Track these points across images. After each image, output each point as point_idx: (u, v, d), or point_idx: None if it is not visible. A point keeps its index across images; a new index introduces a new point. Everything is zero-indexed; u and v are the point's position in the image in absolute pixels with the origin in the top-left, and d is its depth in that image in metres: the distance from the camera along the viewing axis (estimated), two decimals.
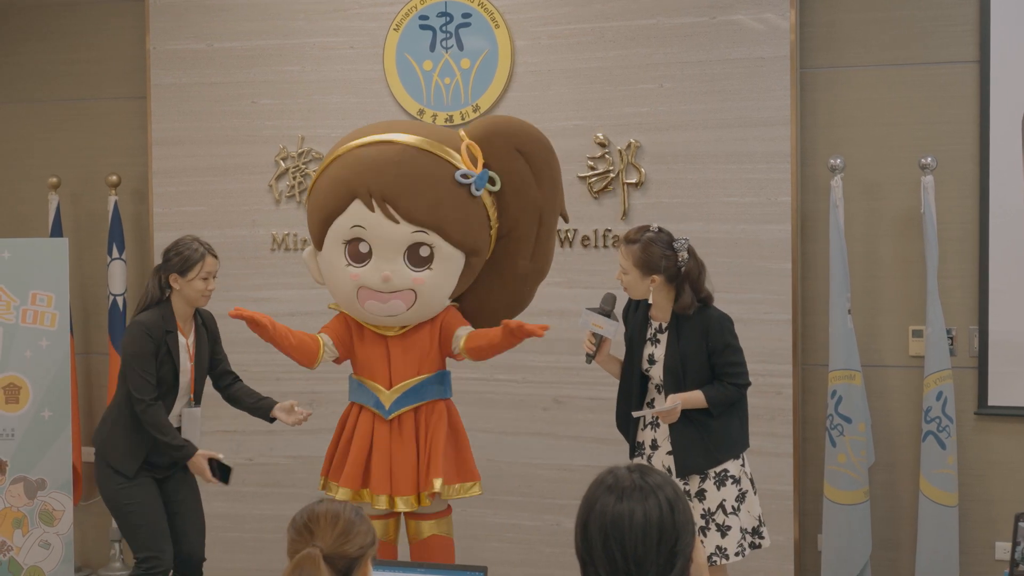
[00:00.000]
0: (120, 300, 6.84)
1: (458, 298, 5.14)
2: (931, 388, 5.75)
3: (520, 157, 4.89)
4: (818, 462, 6.03)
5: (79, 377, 7.05)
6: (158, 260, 6.74)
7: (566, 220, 5.21)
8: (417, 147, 4.76)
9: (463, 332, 5.00)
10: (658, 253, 4.77)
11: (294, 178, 6.64)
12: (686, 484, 4.80)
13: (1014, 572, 2.68)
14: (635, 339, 4.96)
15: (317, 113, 6.62)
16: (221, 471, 5.09)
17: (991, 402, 5.91)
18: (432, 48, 6.41)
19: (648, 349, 4.92)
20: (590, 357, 5.01)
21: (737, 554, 4.76)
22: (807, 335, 6.12)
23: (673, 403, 4.73)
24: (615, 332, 4.95)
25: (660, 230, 4.83)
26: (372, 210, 4.72)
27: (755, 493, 4.88)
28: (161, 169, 6.86)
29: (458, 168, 4.77)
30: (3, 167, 7.38)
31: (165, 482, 5.25)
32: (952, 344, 5.89)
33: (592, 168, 6.20)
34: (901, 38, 6.02)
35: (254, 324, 4.81)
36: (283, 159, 6.67)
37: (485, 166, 4.85)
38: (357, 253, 4.83)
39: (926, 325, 5.80)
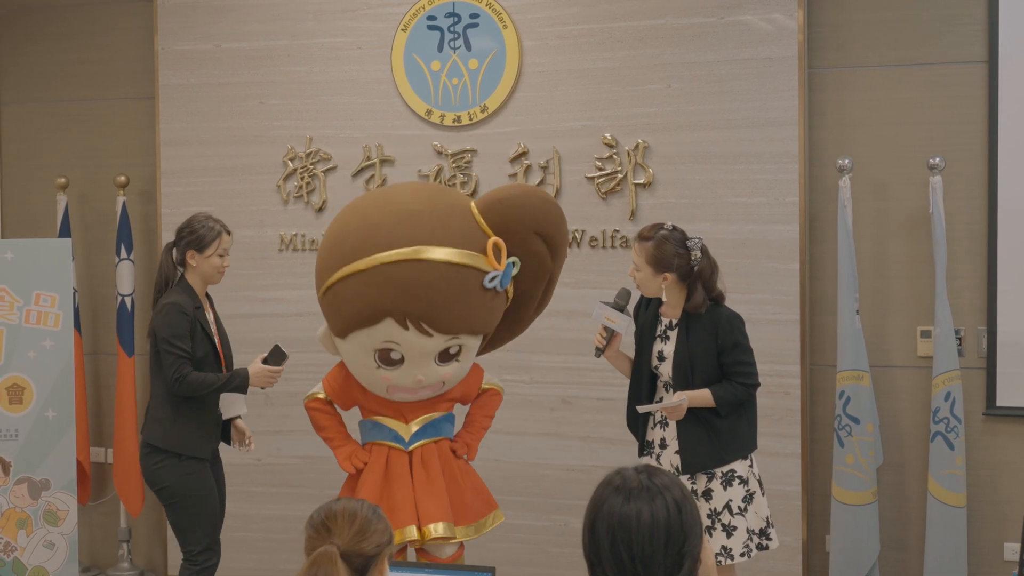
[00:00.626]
0: (128, 300, 6.84)
1: None
2: (939, 388, 5.75)
3: (539, 239, 4.80)
4: (826, 462, 6.03)
5: (87, 377, 7.06)
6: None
7: None
8: (447, 262, 4.59)
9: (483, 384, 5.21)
10: (671, 251, 4.77)
11: (302, 179, 6.65)
12: (693, 483, 4.80)
13: (1023, 573, 2.67)
14: (645, 336, 4.96)
15: (325, 113, 6.62)
16: (275, 356, 5.18)
17: (999, 403, 5.90)
18: (440, 48, 6.41)
19: (658, 346, 4.91)
20: (599, 351, 5.01)
21: (743, 554, 4.76)
22: (815, 335, 6.12)
23: (679, 399, 4.73)
24: (626, 327, 4.96)
25: (674, 228, 4.83)
26: (406, 328, 4.66)
27: (763, 494, 4.87)
28: (169, 169, 6.87)
29: (484, 272, 4.66)
30: (12, 167, 7.39)
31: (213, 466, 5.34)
32: (960, 344, 5.88)
33: (600, 169, 6.20)
34: (909, 38, 6.01)
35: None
36: (291, 159, 6.67)
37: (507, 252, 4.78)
38: (388, 359, 4.79)
39: (934, 325, 5.79)
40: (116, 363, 6.90)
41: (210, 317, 5.34)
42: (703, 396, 4.76)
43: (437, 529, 4.83)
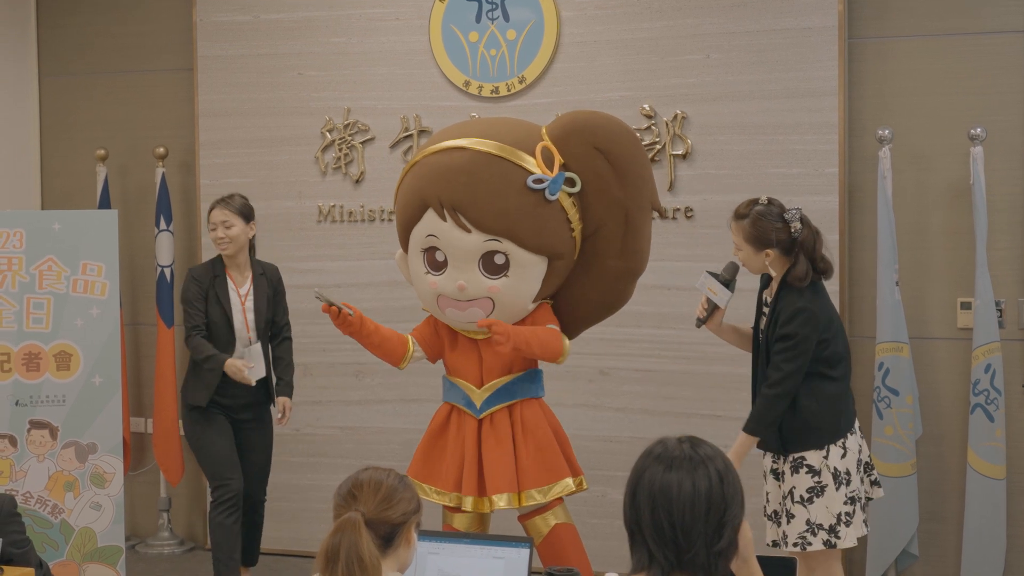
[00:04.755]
0: (168, 271, 6.88)
1: (554, 295, 4.96)
2: (979, 361, 5.72)
3: (600, 156, 4.64)
4: (865, 434, 5.99)
5: (127, 348, 7.11)
6: (206, 231, 6.81)
7: (661, 214, 5.03)
8: (488, 153, 4.59)
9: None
10: (769, 226, 4.58)
11: (340, 150, 6.66)
12: (775, 462, 4.67)
13: None
14: (759, 309, 4.81)
15: (363, 85, 6.63)
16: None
17: None
18: (478, 19, 6.41)
19: (762, 322, 4.76)
20: (700, 322, 4.86)
21: (796, 544, 4.57)
22: (854, 307, 6.10)
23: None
24: (726, 302, 4.80)
25: (770, 201, 4.63)
26: (444, 219, 4.60)
27: (840, 489, 4.56)
28: (208, 141, 6.90)
29: (531, 173, 4.59)
30: (51, 140, 7.43)
31: (240, 424, 5.87)
32: (1001, 316, 5.85)
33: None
34: (950, 7, 5.97)
35: (341, 322, 4.76)
36: (329, 131, 6.69)
37: (564, 166, 4.64)
38: (434, 261, 4.73)
39: (975, 297, 5.77)
40: (156, 334, 6.94)
41: (242, 288, 5.81)
42: (740, 444, 4.60)
43: (500, 501, 4.74)
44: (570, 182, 4.62)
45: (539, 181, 4.56)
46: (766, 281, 4.79)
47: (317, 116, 6.72)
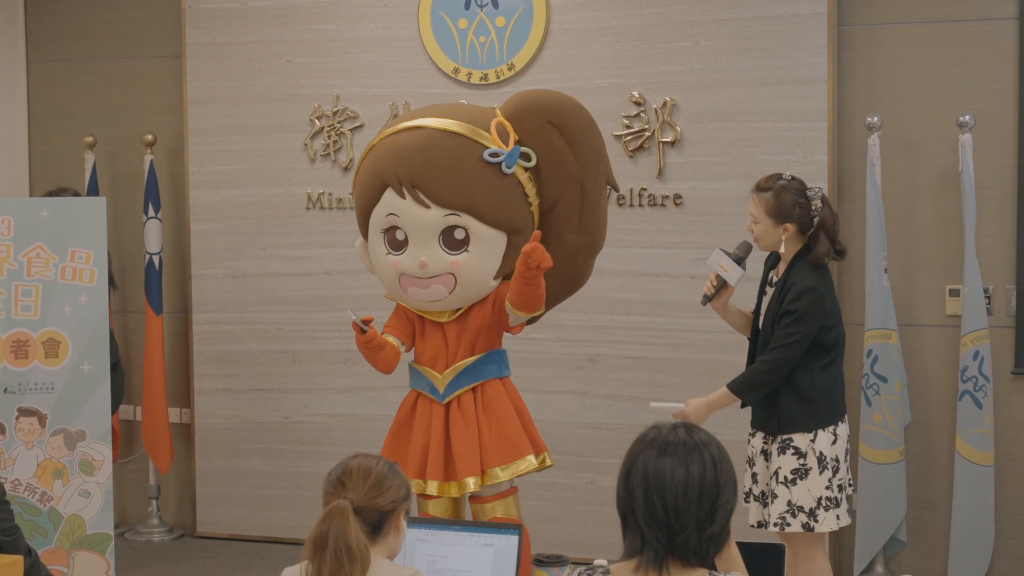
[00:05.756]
0: (156, 259, 6.87)
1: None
2: (968, 347, 5.73)
3: (554, 130, 4.73)
4: (853, 421, 5.99)
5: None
6: (194, 218, 6.80)
7: (615, 189, 5.06)
8: (444, 130, 4.67)
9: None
10: (791, 200, 4.61)
11: (329, 137, 6.65)
12: (765, 443, 4.71)
13: None
14: (762, 289, 4.81)
15: (352, 72, 6.62)
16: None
17: None
18: (467, 6, 6.39)
19: (764, 302, 4.77)
20: (707, 299, 4.85)
21: (776, 525, 4.63)
22: (843, 294, 6.09)
23: (683, 407, 4.66)
24: (737, 279, 4.79)
25: (793, 178, 4.67)
26: (403, 197, 4.66)
27: (823, 473, 4.59)
28: (196, 128, 6.88)
29: (487, 147, 4.66)
30: (40, 126, 7.41)
31: None
32: (989, 303, 5.86)
33: (627, 127, 6.19)
34: None
35: (364, 339, 4.73)
36: (318, 118, 6.68)
37: (519, 142, 4.71)
38: (395, 241, 4.75)
39: (963, 284, 5.77)
40: (144, 321, 6.93)
41: None
42: (719, 397, 4.67)
43: (467, 485, 4.76)
44: (525, 156, 4.71)
45: (495, 155, 4.64)
46: (772, 262, 4.80)
47: (306, 103, 6.70)
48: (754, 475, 4.76)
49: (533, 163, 4.72)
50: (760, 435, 4.74)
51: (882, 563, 5.98)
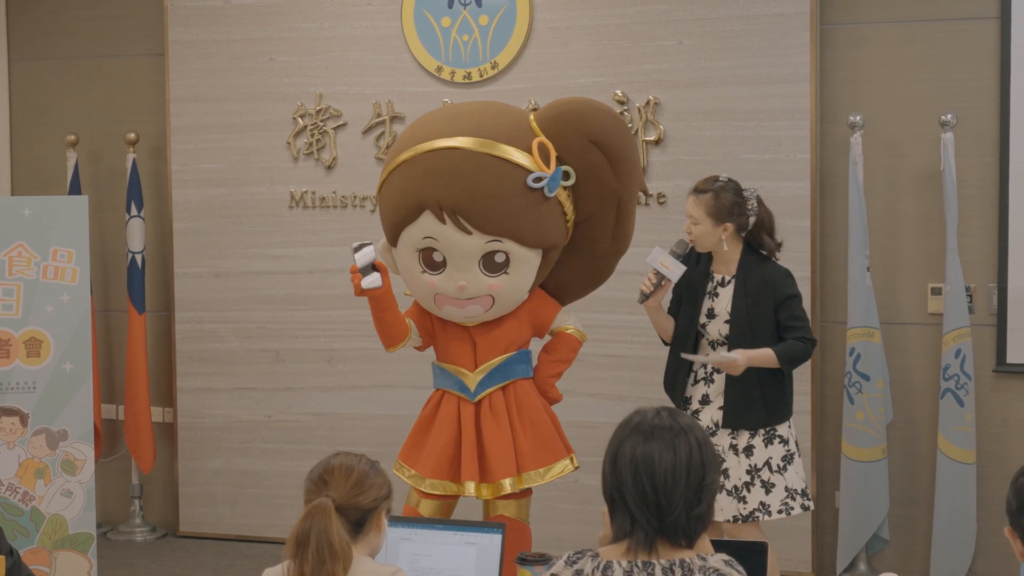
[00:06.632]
0: (139, 258, 6.85)
1: None
2: (950, 345, 5.75)
3: (595, 148, 4.60)
4: (836, 419, 6.04)
5: (98, 334, 7.07)
6: (177, 217, 6.78)
7: (646, 195, 5.07)
8: (484, 153, 4.50)
9: (558, 326, 4.93)
10: (730, 200, 4.75)
11: (312, 135, 6.64)
12: (734, 438, 4.78)
13: (1014, 525, 2.73)
14: (697, 292, 4.88)
15: (335, 70, 6.61)
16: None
17: (1010, 359, 5.90)
18: (450, 5, 6.39)
19: (707, 304, 4.85)
20: (644, 296, 4.90)
21: (780, 511, 4.75)
22: (826, 292, 6.12)
23: (734, 356, 4.67)
24: (678, 276, 4.84)
25: (729, 180, 4.81)
26: (443, 222, 4.51)
27: (800, 457, 4.86)
28: (179, 126, 6.86)
29: (529, 172, 4.52)
30: (22, 125, 7.39)
31: None
32: (971, 301, 5.88)
33: None
34: None
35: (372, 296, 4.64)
36: (301, 116, 6.67)
37: (558, 159, 4.59)
38: (431, 261, 4.64)
39: (945, 282, 5.79)
40: (127, 320, 6.92)
41: None
42: (765, 356, 4.71)
43: (504, 487, 4.69)
44: (566, 175, 4.60)
45: (538, 180, 4.51)
46: (704, 266, 4.90)
47: (289, 102, 6.69)
48: (725, 470, 4.81)
49: (573, 182, 4.63)
50: (726, 432, 4.81)
51: (864, 561, 6.00)
